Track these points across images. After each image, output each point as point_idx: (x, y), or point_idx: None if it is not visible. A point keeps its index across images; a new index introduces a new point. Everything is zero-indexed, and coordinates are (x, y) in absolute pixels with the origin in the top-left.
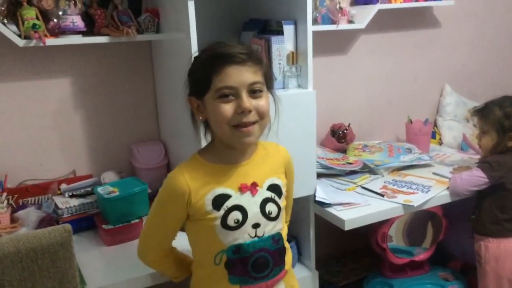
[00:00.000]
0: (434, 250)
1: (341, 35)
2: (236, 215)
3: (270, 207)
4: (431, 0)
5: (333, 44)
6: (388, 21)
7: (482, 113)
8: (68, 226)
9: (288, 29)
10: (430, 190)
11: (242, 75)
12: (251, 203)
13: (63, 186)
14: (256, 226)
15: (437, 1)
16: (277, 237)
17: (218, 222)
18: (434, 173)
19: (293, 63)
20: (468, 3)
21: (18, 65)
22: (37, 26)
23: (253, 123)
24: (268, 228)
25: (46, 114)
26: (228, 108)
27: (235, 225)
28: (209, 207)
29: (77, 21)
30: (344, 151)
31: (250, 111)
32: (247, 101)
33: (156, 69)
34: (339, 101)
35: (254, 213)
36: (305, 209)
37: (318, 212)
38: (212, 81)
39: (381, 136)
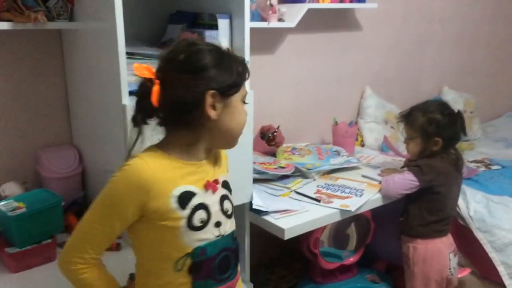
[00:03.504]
0: (362, 253)
1: (268, 33)
2: (201, 214)
3: (227, 205)
4: (356, 2)
5: (260, 42)
6: (314, 22)
7: (408, 119)
8: None
9: (223, 23)
10: (364, 193)
11: None
12: (213, 201)
13: None
14: (218, 224)
15: (362, 4)
16: (234, 235)
17: (183, 222)
18: (363, 176)
19: None
20: (388, 8)
21: None
22: None
23: None
24: (227, 226)
25: None
26: None
27: (200, 225)
28: (174, 204)
29: None
30: (273, 154)
31: None
32: None
33: (68, 63)
34: (267, 102)
35: (215, 211)
36: (239, 218)
37: (253, 220)
38: (243, 84)
39: (308, 138)
